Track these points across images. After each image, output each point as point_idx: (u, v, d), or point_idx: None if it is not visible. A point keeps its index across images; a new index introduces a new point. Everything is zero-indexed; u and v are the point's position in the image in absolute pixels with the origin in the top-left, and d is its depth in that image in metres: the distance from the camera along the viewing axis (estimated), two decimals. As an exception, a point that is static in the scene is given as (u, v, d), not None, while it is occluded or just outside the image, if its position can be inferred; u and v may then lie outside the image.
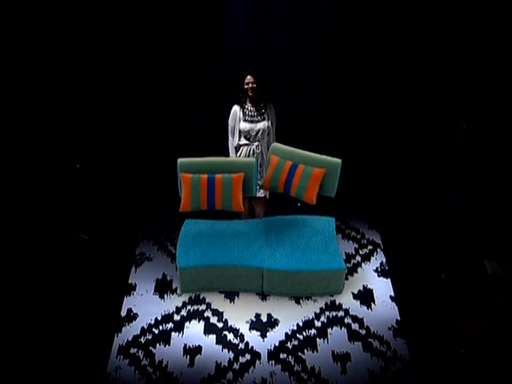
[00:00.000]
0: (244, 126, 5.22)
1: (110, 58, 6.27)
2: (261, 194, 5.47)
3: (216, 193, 4.97)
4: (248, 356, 4.42)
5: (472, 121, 5.90)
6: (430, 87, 6.30)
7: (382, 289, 5.09)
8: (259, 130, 5.18)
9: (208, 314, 4.81)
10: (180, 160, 5.09)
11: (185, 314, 4.80)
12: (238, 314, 4.80)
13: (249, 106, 5.20)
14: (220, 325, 4.69)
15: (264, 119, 5.19)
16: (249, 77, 5.07)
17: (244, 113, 5.21)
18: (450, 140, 6.07)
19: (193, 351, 4.45)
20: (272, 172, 5.10)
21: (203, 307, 4.87)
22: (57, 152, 5.98)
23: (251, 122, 5.20)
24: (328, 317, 4.78)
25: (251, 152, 5.32)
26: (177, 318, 4.77)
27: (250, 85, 5.05)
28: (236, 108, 5.22)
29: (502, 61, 5.73)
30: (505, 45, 5.66)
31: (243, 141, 5.30)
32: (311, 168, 5.00)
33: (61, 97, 6.20)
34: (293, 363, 4.36)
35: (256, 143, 5.26)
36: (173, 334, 4.61)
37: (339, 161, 5.03)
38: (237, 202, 5.03)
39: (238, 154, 5.37)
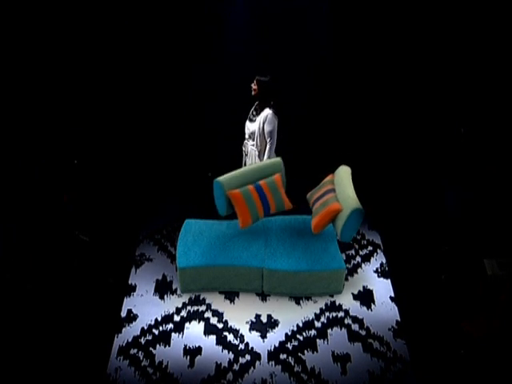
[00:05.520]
0: (246, 122, 5.33)
1: (116, 60, 6.32)
2: None
3: (268, 198, 5.05)
4: (248, 357, 4.42)
5: (471, 122, 5.91)
6: (430, 90, 6.31)
7: (382, 289, 5.09)
8: (251, 130, 5.20)
9: (208, 314, 4.81)
10: (219, 179, 4.99)
11: (185, 315, 4.80)
12: (238, 315, 4.80)
13: (255, 105, 5.28)
14: (220, 325, 4.70)
15: (256, 121, 5.20)
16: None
17: (252, 110, 5.31)
18: (450, 141, 6.07)
19: (193, 352, 4.45)
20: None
21: (203, 308, 4.87)
22: (56, 152, 5.98)
23: (250, 120, 5.27)
24: (328, 317, 4.78)
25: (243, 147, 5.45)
26: (177, 318, 4.76)
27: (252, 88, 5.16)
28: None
29: (499, 63, 5.74)
30: (503, 48, 5.67)
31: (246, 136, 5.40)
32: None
33: (61, 96, 6.20)
34: (293, 364, 4.36)
35: (249, 142, 5.28)
36: (173, 334, 4.61)
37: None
38: (286, 201, 5.13)
39: None
